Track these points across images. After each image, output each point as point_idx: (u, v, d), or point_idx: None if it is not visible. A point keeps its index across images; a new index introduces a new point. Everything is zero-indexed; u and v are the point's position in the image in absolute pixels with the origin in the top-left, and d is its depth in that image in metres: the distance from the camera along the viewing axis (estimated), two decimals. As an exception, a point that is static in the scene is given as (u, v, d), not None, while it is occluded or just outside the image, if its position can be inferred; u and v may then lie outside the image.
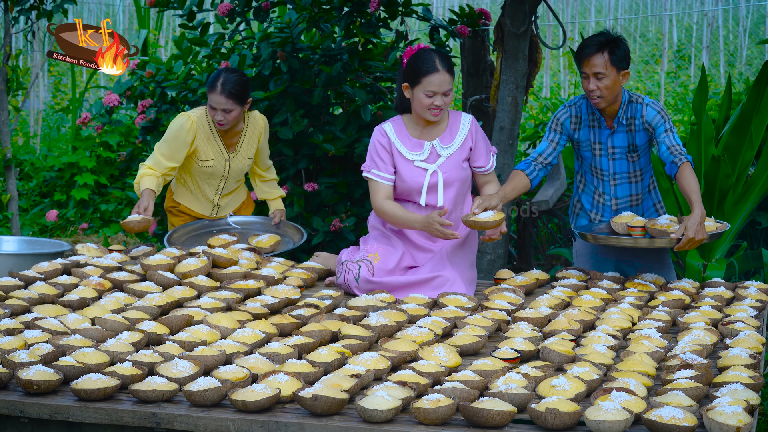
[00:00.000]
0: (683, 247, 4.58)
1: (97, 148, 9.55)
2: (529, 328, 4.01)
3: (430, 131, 4.78)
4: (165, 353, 3.63)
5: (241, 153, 5.46)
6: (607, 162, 4.99)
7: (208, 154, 5.34)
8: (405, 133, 4.78)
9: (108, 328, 3.94)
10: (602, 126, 4.95)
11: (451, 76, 4.64)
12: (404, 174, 4.75)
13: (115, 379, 3.39)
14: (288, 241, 5.52)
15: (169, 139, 5.31)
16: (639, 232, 4.79)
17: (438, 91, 4.61)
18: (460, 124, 4.80)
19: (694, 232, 4.55)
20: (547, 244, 7.40)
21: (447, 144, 4.77)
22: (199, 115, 5.33)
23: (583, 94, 5.01)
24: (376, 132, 4.79)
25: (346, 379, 3.40)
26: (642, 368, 3.57)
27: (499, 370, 3.53)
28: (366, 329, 3.98)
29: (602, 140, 4.96)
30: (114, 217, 9.22)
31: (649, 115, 4.86)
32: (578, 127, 4.98)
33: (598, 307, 4.40)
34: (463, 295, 4.48)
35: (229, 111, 5.24)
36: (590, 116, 4.96)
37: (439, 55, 4.64)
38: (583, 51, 4.80)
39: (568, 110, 5.00)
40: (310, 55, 6.57)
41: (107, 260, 4.89)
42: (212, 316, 4.02)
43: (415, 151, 4.76)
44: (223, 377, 3.42)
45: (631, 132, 4.92)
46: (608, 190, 5.03)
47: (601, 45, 4.78)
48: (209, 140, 5.34)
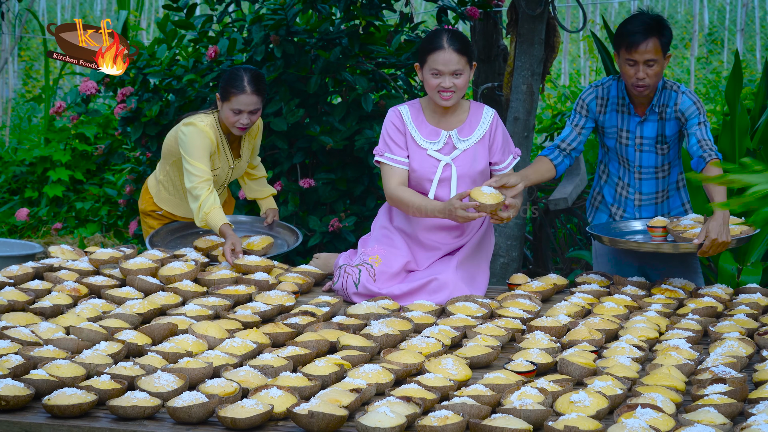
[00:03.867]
0: (707, 252, 4.58)
1: (73, 141, 9.56)
2: (546, 339, 4.01)
3: (449, 120, 4.79)
4: (146, 365, 3.63)
5: (243, 157, 5.48)
6: (633, 153, 4.99)
7: (215, 164, 5.34)
8: (422, 118, 4.80)
9: (84, 338, 3.94)
10: (631, 113, 4.95)
11: (462, 56, 4.64)
12: (415, 162, 4.77)
13: (92, 394, 3.39)
14: (282, 244, 5.52)
15: (194, 148, 5.18)
16: (660, 233, 4.79)
17: (444, 70, 4.63)
18: (482, 117, 4.81)
19: (716, 233, 4.56)
20: (566, 246, 7.40)
21: (465, 136, 4.78)
22: (210, 124, 5.27)
23: (613, 76, 5.00)
24: (390, 113, 4.82)
25: (345, 393, 3.40)
26: (670, 382, 3.56)
27: (513, 385, 3.53)
28: (367, 339, 3.98)
29: (630, 128, 4.96)
30: (90, 216, 9.23)
31: (684, 104, 4.87)
32: (604, 110, 4.98)
33: (621, 316, 4.40)
34: (473, 302, 4.48)
35: (256, 111, 5.23)
36: (619, 100, 4.95)
37: (449, 33, 4.68)
38: (629, 37, 4.76)
39: (595, 91, 5.00)
40: (306, 39, 6.58)
41: (83, 263, 4.89)
42: (198, 325, 4.02)
43: (431, 139, 4.77)
44: (211, 392, 3.42)
45: (662, 121, 4.92)
46: (633, 183, 5.03)
47: (650, 29, 4.76)
48: (219, 150, 5.33)
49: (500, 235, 6.15)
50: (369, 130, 6.48)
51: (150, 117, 6.57)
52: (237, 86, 5.18)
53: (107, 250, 5.02)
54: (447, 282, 4.68)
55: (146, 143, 6.75)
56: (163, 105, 6.68)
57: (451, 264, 4.75)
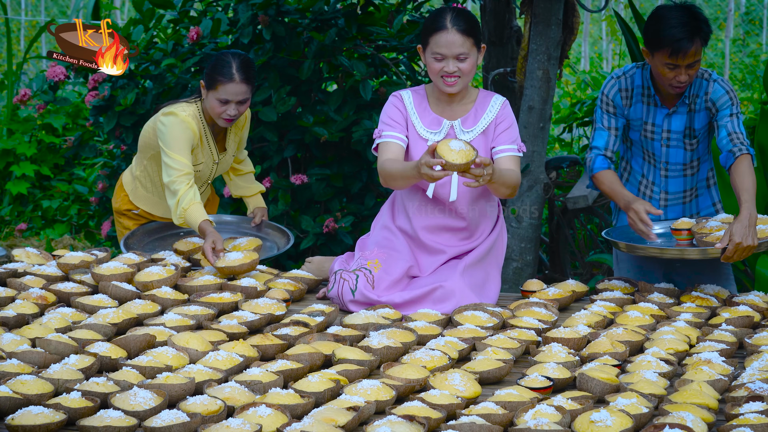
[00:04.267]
0: (731, 257, 4.59)
1: (39, 132, 9.57)
2: (564, 351, 4.02)
3: (453, 109, 4.80)
4: (121, 381, 3.63)
5: (228, 151, 5.48)
6: (660, 148, 5.00)
7: (198, 158, 5.34)
8: (425, 105, 4.81)
9: (52, 350, 3.94)
10: (658, 104, 4.95)
11: (468, 38, 4.64)
12: (414, 152, 4.77)
13: (61, 413, 3.39)
14: (271, 246, 5.53)
15: (174, 140, 5.19)
16: (685, 236, 4.80)
17: (447, 54, 4.63)
18: (488, 106, 4.81)
19: (741, 237, 4.56)
20: (586, 249, 7.41)
21: (469, 127, 4.79)
22: (192, 114, 5.28)
23: (636, 63, 5.00)
24: (391, 97, 4.83)
25: (341, 412, 3.41)
26: (701, 400, 3.57)
27: (528, 402, 3.54)
28: (365, 352, 3.99)
29: (657, 122, 4.96)
30: (59, 216, 9.24)
31: (716, 93, 4.87)
32: (629, 102, 4.98)
33: (647, 326, 4.41)
34: (483, 311, 4.49)
35: (245, 101, 5.24)
36: (644, 90, 4.96)
37: (454, 12, 4.67)
38: (674, 44, 4.70)
39: (617, 83, 4.99)
40: (299, 19, 6.58)
41: (50, 268, 4.90)
42: (179, 336, 4.03)
43: (432, 128, 4.79)
44: (192, 410, 3.43)
45: (691, 113, 4.93)
46: (658, 180, 5.04)
47: (693, 30, 4.71)
48: (202, 143, 5.34)
49: (513, 237, 6.15)
50: (368, 121, 6.47)
51: (125, 106, 6.58)
52: (224, 74, 5.18)
53: (77, 254, 5.03)
54: (453, 290, 4.67)
55: (121, 135, 6.76)
56: (140, 93, 6.69)
57: (457, 269, 4.75)
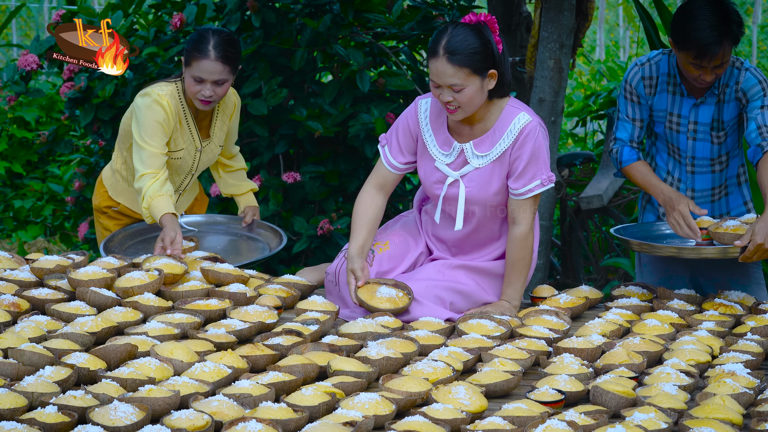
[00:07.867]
0: (750, 258, 4.61)
1: (10, 126, 9.58)
2: (577, 363, 4.03)
3: (469, 130, 4.69)
4: (100, 395, 3.64)
5: (214, 140, 5.48)
6: (685, 142, 5.00)
7: (178, 144, 5.35)
8: (443, 119, 4.72)
9: (25, 362, 3.95)
10: (685, 94, 4.96)
11: (457, 67, 4.45)
12: (422, 170, 4.78)
13: (35, 429, 3.40)
14: (263, 247, 5.54)
15: (147, 123, 5.25)
16: (705, 234, 4.81)
17: (438, 82, 4.52)
18: (507, 128, 4.65)
19: (763, 237, 4.58)
20: (600, 252, 7.43)
21: (483, 151, 4.68)
22: (170, 94, 5.30)
23: (663, 50, 5.01)
24: (412, 105, 4.79)
25: (337, 427, 3.42)
26: (725, 415, 3.59)
27: (538, 417, 3.55)
28: (363, 363, 4.00)
29: (683, 113, 4.97)
30: (32, 217, 9.25)
31: (748, 83, 4.88)
32: (654, 90, 4.99)
33: (666, 336, 4.42)
34: (489, 319, 4.50)
35: (222, 82, 5.24)
36: (670, 78, 4.96)
37: (450, 33, 4.48)
38: (703, 48, 4.69)
39: (641, 70, 5.00)
40: (291, 5, 6.60)
41: (23, 273, 4.90)
42: (162, 347, 4.04)
43: (444, 149, 4.72)
44: (177, 426, 3.44)
45: (720, 103, 4.93)
46: (685, 177, 5.05)
47: (723, 34, 4.70)
48: (182, 126, 5.35)
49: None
50: (365, 114, 6.48)
51: (103, 98, 6.59)
52: (200, 49, 5.18)
53: (52, 258, 5.03)
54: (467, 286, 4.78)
55: (98, 129, 6.76)
56: (119, 84, 6.70)
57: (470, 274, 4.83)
